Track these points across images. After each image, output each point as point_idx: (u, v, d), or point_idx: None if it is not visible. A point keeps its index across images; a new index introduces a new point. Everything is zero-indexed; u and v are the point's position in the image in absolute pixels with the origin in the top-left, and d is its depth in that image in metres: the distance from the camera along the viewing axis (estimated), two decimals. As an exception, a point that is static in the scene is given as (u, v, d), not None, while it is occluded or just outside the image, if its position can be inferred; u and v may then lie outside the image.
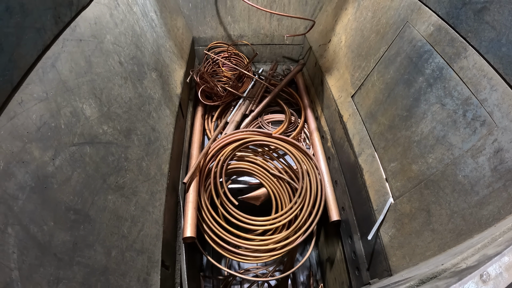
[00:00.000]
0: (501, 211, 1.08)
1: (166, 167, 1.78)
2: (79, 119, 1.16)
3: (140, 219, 1.43)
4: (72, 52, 1.18)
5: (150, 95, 1.77)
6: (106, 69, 1.39)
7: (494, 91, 1.17)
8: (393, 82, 1.73)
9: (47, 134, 1.00)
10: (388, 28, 1.84)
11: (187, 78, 2.57)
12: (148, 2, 2.07)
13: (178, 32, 2.60)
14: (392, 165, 1.67)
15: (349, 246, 2.13)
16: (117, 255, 1.23)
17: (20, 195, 0.87)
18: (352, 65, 2.19)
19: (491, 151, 1.15)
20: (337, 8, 2.55)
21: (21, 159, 0.90)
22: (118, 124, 1.40)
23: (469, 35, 1.31)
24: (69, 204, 1.03)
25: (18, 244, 0.83)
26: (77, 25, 1.25)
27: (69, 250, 1.00)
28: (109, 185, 1.26)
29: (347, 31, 2.33)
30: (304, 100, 2.93)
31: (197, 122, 2.69)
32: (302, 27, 3.08)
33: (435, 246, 1.32)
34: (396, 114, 1.67)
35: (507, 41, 1.14)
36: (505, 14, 1.16)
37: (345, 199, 2.16)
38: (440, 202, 1.33)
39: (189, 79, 2.64)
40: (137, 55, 1.71)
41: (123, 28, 1.62)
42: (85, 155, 1.15)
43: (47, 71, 1.04)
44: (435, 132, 1.41)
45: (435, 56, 1.46)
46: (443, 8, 1.46)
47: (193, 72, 2.72)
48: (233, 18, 2.96)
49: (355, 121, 2.06)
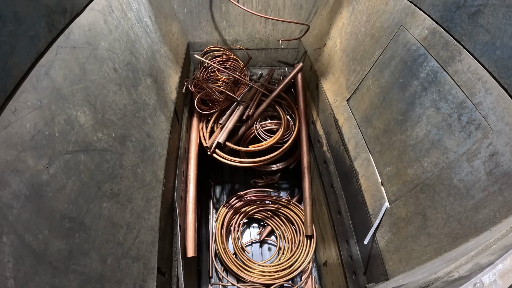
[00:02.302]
0: (497, 215, 1.08)
1: (161, 173, 1.78)
2: (73, 126, 1.15)
3: (135, 226, 1.42)
4: (66, 60, 1.18)
5: (145, 101, 1.77)
6: (101, 76, 1.39)
7: (489, 95, 1.17)
8: (388, 86, 1.73)
9: (41, 143, 1.00)
10: (382, 32, 1.85)
11: (182, 83, 2.57)
12: (143, 7, 2.06)
13: (173, 37, 2.60)
14: (387, 169, 1.67)
15: (345, 250, 2.13)
16: (113, 263, 1.22)
17: (15, 204, 0.87)
18: (347, 69, 2.19)
19: (486, 155, 1.15)
20: (332, 12, 2.56)
21: (15, 168, 0.89)
22: (113, 131, 1.40)
23: (464, 39, 1.31)
24: (64, 212, 1.03)
25: (13, 253, 0.83)
26: (71, 32, 1.24)
27: (65, 258, 0.99)
28: (104, 193, 1.26)
29: (342, 35, 2.33)
30: (300, 110, 2.94)
31: (193, 132, 2.70)
32: (297, 31, 3.09)
33: (431, 250, 1.32)
34: (391, 118, 1.68)
35: (501, 44, 1.15)
36: (499, 17, 1.16)
37: (341, 204, 2.16)
38: (435, 206, 1.33)
39: (184, 89, 2.64)
40: (132, 61, 1.71)
41: (118, 34, 1.62)
42: (79, 163, 1.15)
43: (41, 79, 1.04)
44: (430, 136, 1.42)
45: (429, 59, 1.47)
46: (437, 11, 1.47)
47: (187, 82, 2.71)
48: (228, 23, 2.96)
49: (351, 125, 2.07)
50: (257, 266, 2.94)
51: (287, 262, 2.94)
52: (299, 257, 2.95)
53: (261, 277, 2.85)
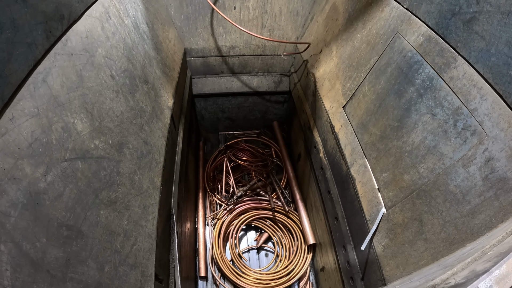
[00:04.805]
0: (493, 220, 1.09)
1: (158, 180, 1.77)
2: (70, 134, 1.15)
3: (133, 233, 1.42)
4: (63, 67, 1.18)
5: (142, 108, 1.77)
6: (98, 83, 1.39)
7: (484, 101, 1.18)
8: (384, 92, 1.74)
9: (39, 150, 0.99)
10: (378, 38, 1.86)
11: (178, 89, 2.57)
12: (140, 14, 2.07)
13: (170, 43, 2.61)
14: (384, 175, 1.68)
15: (343, 256, 2.13)
16: (110, 270, 1.21)
17: (12, 212, 0.86)
18: (343, 75, 2.20)
19: (482, 160, 1.16)
20: (328, 18, 2.57)
21: (12, 175, 0.89)
22: (110, 138, 1.40)
23: (459, 45, 1.33)
24: (61, 220, 1.02)
25: (11, 261, 0.82)
26: (68, 39, 1.25)
27: (62, 266, 0.99)
28: (101, 200, 1.25)
29: (338, 42, 2.35)
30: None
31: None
32: (294, 37, 3.10)
33: (428, 255, 1.32)
34: (387, 124, 1.69)
35: (496, 51, 1.16)
36: (494, 24, 1.18)
37: (338, 209, 2.16)
38: (432, 212, 1.34)
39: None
40: (129, 68, 1.71)
41: (115, 41, 1.62)
42: (77, 170, 1.15)
43: (38, 86, 1.04)
44: (426, 142, 1.42)
45: (425, 66, 1.48)
46: (432, 18, 1.48)
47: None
48: (225, 29, 2.97)
49: (347, 132, 2.07)
50: (253, 274, 2.93)
51: (284, 270, 2.94)
52: (297, 264, 2.95)
53: (257, 285, 2.85)
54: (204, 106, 3.69)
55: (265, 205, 3.27)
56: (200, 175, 3.56)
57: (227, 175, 3.54)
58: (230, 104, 3.71)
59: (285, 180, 3.50)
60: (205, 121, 3.91)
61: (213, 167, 3.64)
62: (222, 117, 3.90)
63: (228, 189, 3.47)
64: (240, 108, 3.77)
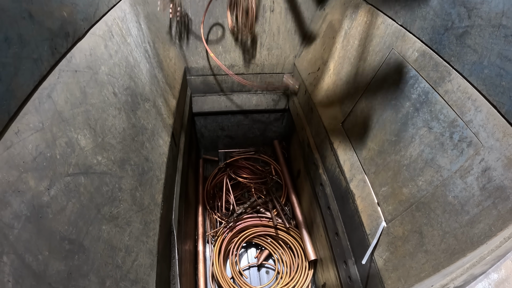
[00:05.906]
0: (492, 229, 1.10)
1: (159, 197, 1.78)
2: (74, 149, 1.17)
3: (134, 249, 1.42)
4: (67, 83, 1.21)
5: (143, 125, 1.79)
6: (101, 99, 1.42)
7: (479, 112, 1.21)
8: (381, 108, 1.77)
9: (43, 164, 1.01)
10: (374, 55, 1.90)
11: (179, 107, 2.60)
12: (142, 33, 2.12)
13: (171, 62, 2.65)
14: (383, 189, 1.69)
15: (344, 271, 2.12)
16: (111, 285, 1.21)
17: (16, 224, 0.87)
18: (341, 92, 2.24)
19: (479, 171, 1.18)
20: (325, 37, 2.63)
21: (17, 188, 0.90)
22: (112, 154, 1.41)
23: (452, 59, 1.36)
24: (63, 233, 1.03)
25: (13, 272, 0.83)
26: (72, 56, 1.28)
27: (64, 279, 0.99)
28: (103, 215, 1.26)
29: (335, 59, 2.39)
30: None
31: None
32: (292, 55, 3.16)
33: (429, 267, 1.32)
34: (385, 139, 1.71)
35: (488, 63, 1.19)
36: (485, 37, 1.21)
37: (338, 225, 2.16)
38: (432, 223, 1.35)
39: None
40: (131, 86, 1.74)
41: (117, 59, 1.66)
42: (79, 185, 1.16)
43: (43, 102, 1.06)
44: (423, 155, 1.44)
45: (420, 81, 1.51)
46: (426, 34, 1.52)
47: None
48: (224, 48, 3.03)
49: (345, 148, 2.09)
50: (254, 292, 2.91)
51: (285, 287, 2.91)
52: (298, 281, 2.92)
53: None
54: (204, 124, 3.72)
55: (265, 222, 3.25)
56: (200, 193, 3.55)
57: (227, 192, 3.53)
58: (229, 122, 3.74)
59: (285, 197, 3.50)
60: (205, 139, 3.94)
61: (213, 184, 3.65)
62: (221, 135, 3.92)
63: (228, 207, 3.46)
64: (239, 126, 3.80)
